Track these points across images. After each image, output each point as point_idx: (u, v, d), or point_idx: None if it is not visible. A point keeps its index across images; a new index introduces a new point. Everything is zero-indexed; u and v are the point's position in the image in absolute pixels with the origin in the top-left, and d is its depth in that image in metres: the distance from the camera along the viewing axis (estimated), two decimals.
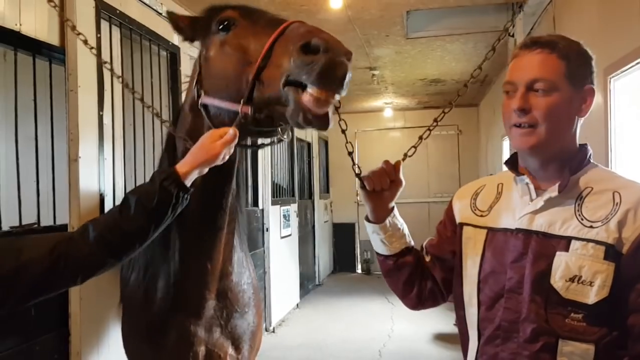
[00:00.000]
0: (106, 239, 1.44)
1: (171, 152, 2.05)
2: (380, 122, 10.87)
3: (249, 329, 2.27)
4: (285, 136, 1.66)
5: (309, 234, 9.13)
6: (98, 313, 2.90)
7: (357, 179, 1.60)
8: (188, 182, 1.52)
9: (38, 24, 2.70)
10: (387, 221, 1.60)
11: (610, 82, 3.03)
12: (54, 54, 2.88)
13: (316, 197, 9.73)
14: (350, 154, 1.69)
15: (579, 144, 1.42)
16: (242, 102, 1.55)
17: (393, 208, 1.62)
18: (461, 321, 1.52)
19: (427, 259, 1.65)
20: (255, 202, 6.34)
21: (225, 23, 1.68)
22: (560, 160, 1.38)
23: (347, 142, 1.67)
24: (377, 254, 1.67)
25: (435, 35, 5.53)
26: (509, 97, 1.39)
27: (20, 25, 2.59)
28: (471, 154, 10.42)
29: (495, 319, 1.39)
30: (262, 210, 6.38)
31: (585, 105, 1.39)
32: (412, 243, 1.67)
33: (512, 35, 4.96)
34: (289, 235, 7.43)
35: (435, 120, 1.81)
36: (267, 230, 6.47)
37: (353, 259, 10.98)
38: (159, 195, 1.47)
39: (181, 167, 1.52)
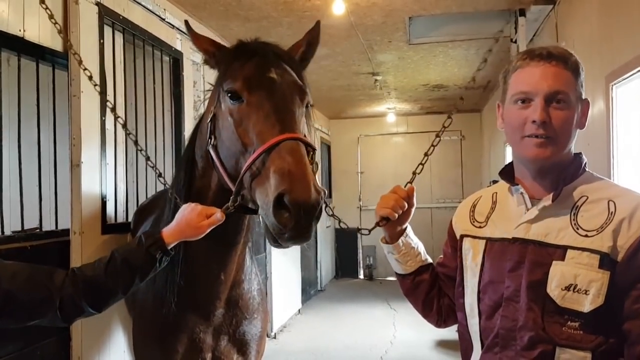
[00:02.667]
0: (89, 292, 1.58)
1: (189, 169, 2.03)
2: (383, 127, 10.87)
3: (257, 335, 2.29)
4: None
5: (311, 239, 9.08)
6: (99, 318, 2.88)
7: (377, 225, 1.63)
8: (170, 246, 1.66)
9: (42, 30, 2.71)
10: (400, 241, 1.63)
11: (612, 89, 3.02)
12: (57, 60, 2.90)
13: None
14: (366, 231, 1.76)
15: (574, 153, 1.44)
16: (233, 193, 1.68)
17: (406, 228, 1.65)
18: (464, 331, 1.52)
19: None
20: None
21: (234, 93, 1.70)
22: (557, 170, 1.39)
23: (359, 230, 1.77)
24: (396, 274, 1.71)
25: (438, 41, 5.53)
26: (523, 107, 1.38)
27: (24, 31, 2.61)
28: (474, 159, 10.40)
29: (494, 328, 1.39)
30: None
31: (585, 118, 1.42)
32: (429, 260, 1.70)
33: (515, 42, 4.96)
34: None
35: (435, 140, 1.97)
36: None
37: (355, 265, 10.94)
38: (144, 259, 1.62)
39: (167, 236, 1.66)
